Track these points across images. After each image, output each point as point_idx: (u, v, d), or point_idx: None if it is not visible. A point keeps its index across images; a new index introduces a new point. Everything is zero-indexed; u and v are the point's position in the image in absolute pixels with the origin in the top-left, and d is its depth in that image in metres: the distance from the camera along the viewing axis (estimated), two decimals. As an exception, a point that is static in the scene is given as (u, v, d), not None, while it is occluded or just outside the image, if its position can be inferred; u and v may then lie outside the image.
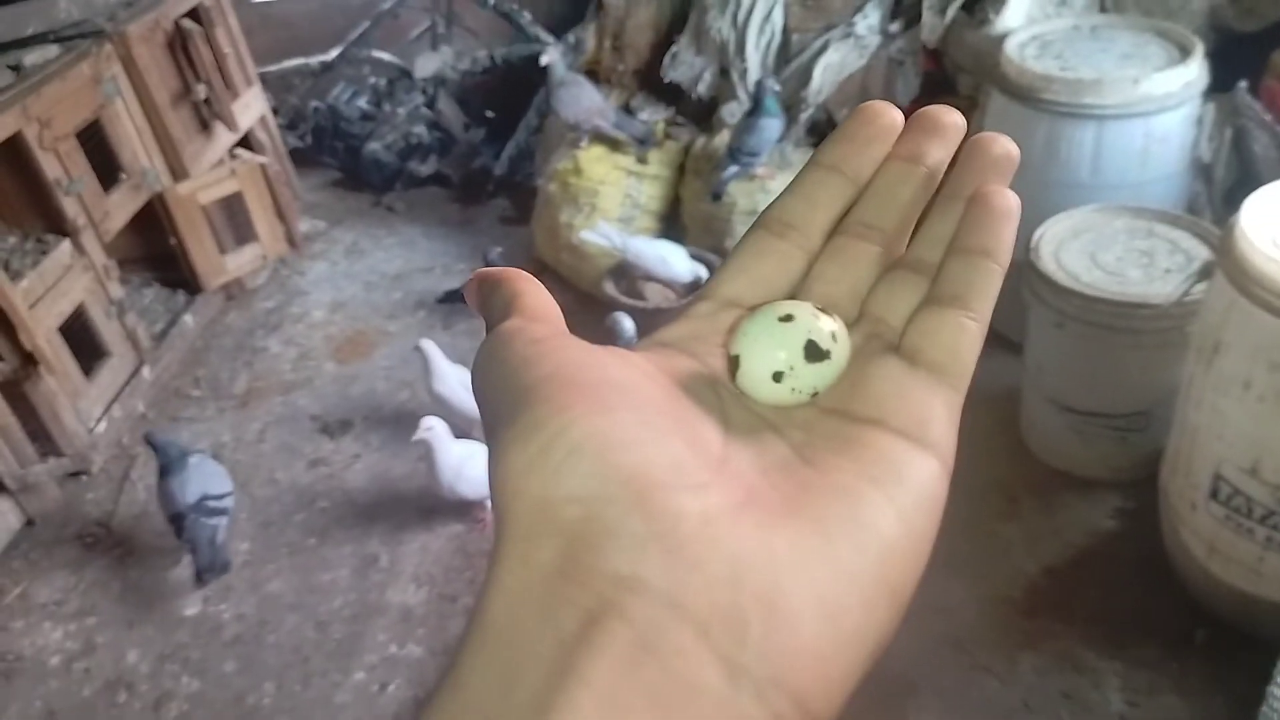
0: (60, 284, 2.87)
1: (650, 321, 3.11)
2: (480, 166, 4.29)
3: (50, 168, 2.83)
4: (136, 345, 3.23)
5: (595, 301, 3.38)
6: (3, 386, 2.60)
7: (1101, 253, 2.30)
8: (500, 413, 0.31)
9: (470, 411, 2.58)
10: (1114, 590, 2.20)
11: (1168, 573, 2.14)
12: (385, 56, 4.25)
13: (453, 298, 3.46)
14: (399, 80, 4.28)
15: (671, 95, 3.64)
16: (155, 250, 3.59)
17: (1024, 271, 2.49)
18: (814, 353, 0.34)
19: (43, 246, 2.93)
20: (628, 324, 2.81)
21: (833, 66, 3.18)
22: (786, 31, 3.32)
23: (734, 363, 0.34)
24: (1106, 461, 2.42)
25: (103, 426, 3.00)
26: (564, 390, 0.30)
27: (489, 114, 4.34)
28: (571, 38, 3.95)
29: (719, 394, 0.34)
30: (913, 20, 3.18)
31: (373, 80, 4.33)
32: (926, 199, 0.38)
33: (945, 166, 0.38)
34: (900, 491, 0.31)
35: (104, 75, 3.10)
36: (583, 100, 3.35)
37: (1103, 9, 3.03)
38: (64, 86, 2.91)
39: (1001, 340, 2.88)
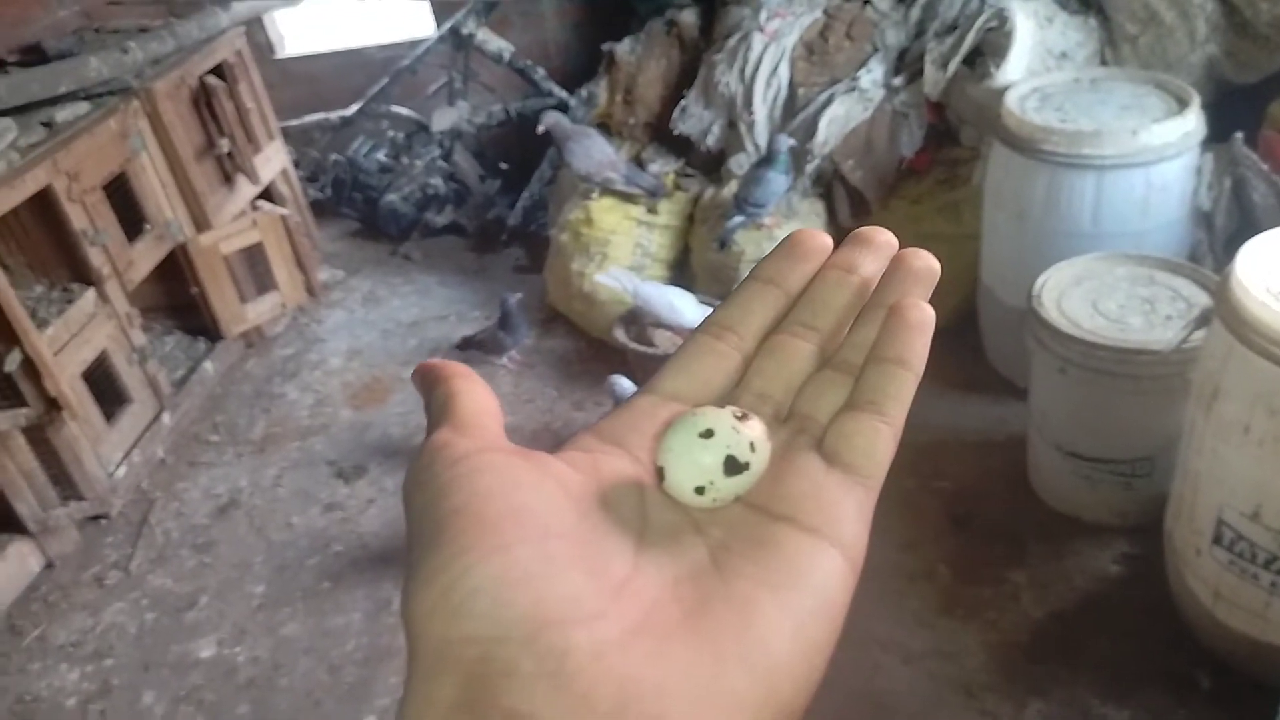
0: (84, 331, 2.94)
1: (659, 368, 3.16)
2: (495, 217, 4.38)
3: (77, 219, 2.93)
4: (157, 392, 3.30)
5: (606, 348, 3.44)
6: (27, 431, 2.66)
7: (1103, 300, 2.34)
8: (414, 548, 0.33)
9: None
10: (1121, 636, 2.20)
11: (1174, 618, 2.15)
12: (403, 111, 4.36)
13: (470, 344, 3.52)
14: (416, 134, 4.39)
15: (681, 147, 3.73)
16: (177, 299, 3.68)
17: (1027, 318, 2.53)
18: (733, 466, 0.36)
19: (68, 295, 3.01)
20: (625, 385, 2.84)
21: (838, 119, 3.25)
22: (792, 85, 3.40)
23: (660, 472, 0.36)
24: (1112, 507, 2.44)
25: (123, 471, 3.06)
26: (468, 530, 0.32)
27: (504, 166, 4.44)
28: (584, 92, 4.06)
29: (642, 499, 0.36)
30: (915, 74, 3.26)
31: (391, 134, 4.44)
32: (859, 305, 0.42)
33: (876, 279, 0.42)
34: (799, 598, 0.34)
35: (131, 130, 3.20)
36: (594, 153, 3.43)
37: (1103, 62, 3.10)
38: (92, 141, 3.01)
39: (1008, 386, 2.92)
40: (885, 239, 0.43)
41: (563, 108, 4.08)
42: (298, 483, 3.09)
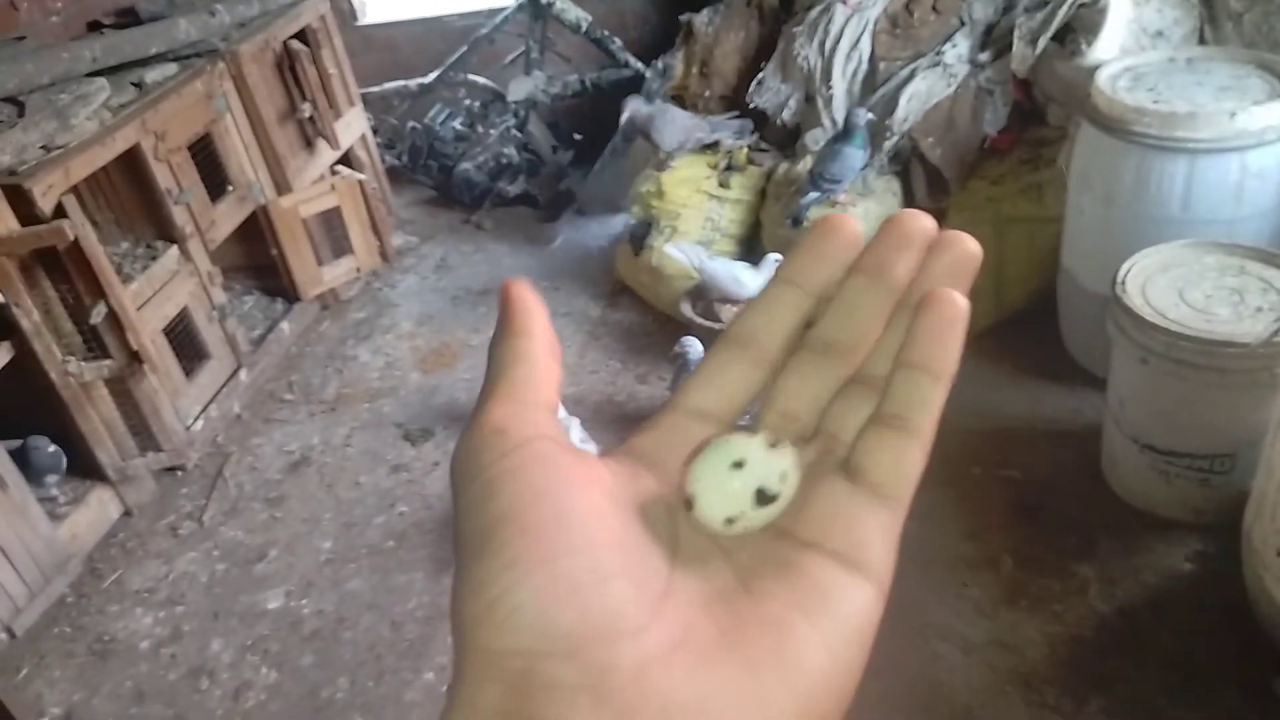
0: (166, 288, 3.04)
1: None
2: (566, 188, 4.39)
3: (163, 178, 3.01)
4: (235, 349, 3.39)
5: (672, 322, 3.43)
6: (109, 382, 2.76)
7: (1190, 289, 2.25)
8: (461, 550, 0.33)
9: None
10: (1192, 636, 2.13)
11: (1248, 619, 2.07)
12: (480, 80, 4.38)
13: None
14: (492, 103, 4.41)
15: (756, 121, 3.68)
16: (256, 260, 3.77)
17: (1110, 306, 2.45)
18: (763, 498, 0.35)
19: (152, 252, 3.11)
20: (696, 348, 2.83)
21: (919, 95, 3.17)
22: (873, 60, 3.33)
23: (689, 501, 0.35)
24: (1188, 503, 2.35)
25: (200, 425, 3.16)
26: (515, 540, 0.31)
27: (577, 137, 4.44)
28: (660, 64, 4.03)
29: (673, 518, 0.36)
30: (1003, 50, 3.16)
31: (467, 102, 4.47)
32: (888, 313, 0.38)
33: (911, 277, 0.38)
34: (829, 622, 0.33)
35: (216, 92, 3.28)
36: (679, 123, 3.42)
37: (1201, 41, 2.97)
38: (179, 102, 3.09)
39: (1085, 375, 2.84)
40: (921, 226, 0.38)
41: (638, 79, 4.07)
42: (366, 443, 3.16)
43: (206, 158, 3.25)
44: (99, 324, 2.57)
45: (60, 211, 2.55)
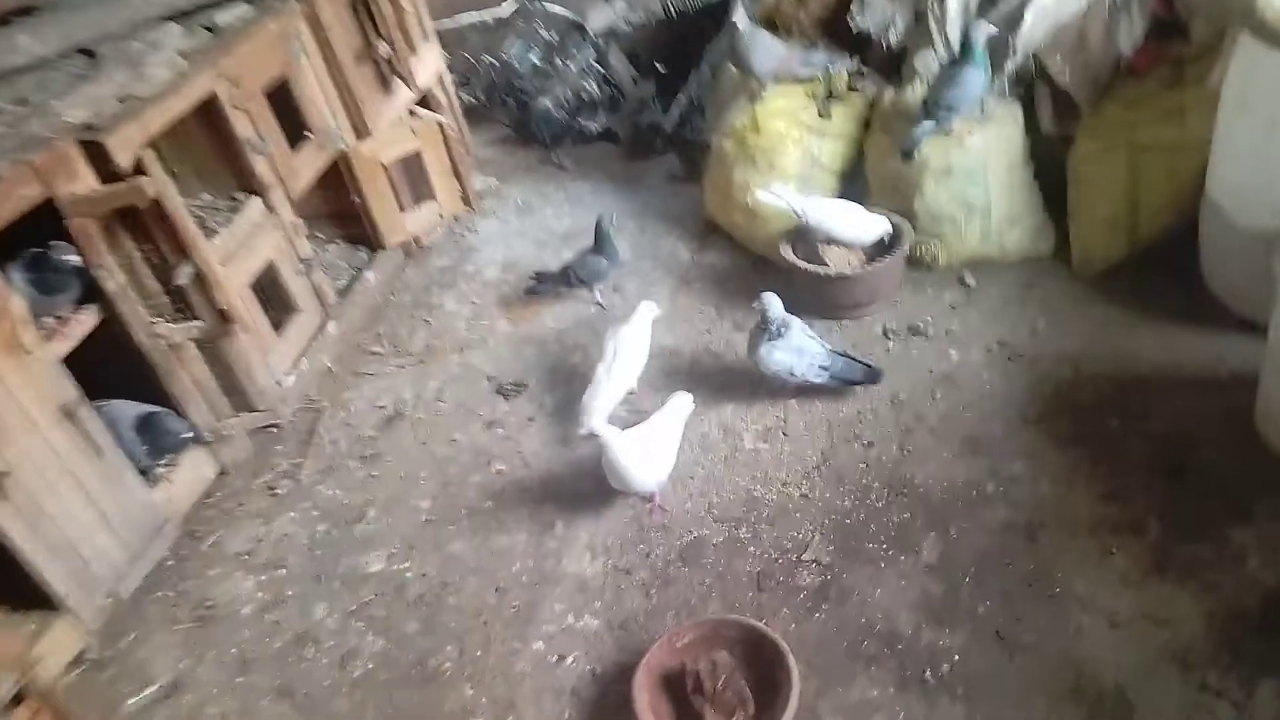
0: (251, 242, 2.95)
1: (833, 289, 2.96)
2: (649, 122, 4.19)
3: (242, 127, 2.90)
4: (323, 301, 3.31)
5: (768, 264, 3.25)
6: (199, 343, 2.70)
7: (1376, 225, 2.00)
8: None
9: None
10: (1375, 612, 1.93)
11: None
12: (558, 9, 4.17)
13: (546, 281, 3.39)
14: (571, 34, 4.20)
15: (856, 45, 3.41)
16: (338, 207, 3.67)
17: (1274, 243, 2.20)
18: None
19: (234, 204, 3.02)
20: (776, 305, 2.66)
21: (1047, 10, 2.88)
22: (993, -27, 3.03)
23: None
24: (1366, 463, 2.13)
25: (291, 380, 3.10)
26: None
27: (659, 67, 4.21)
28: (750, -15, 3.77)
29: None
30: (1140, -44, 2.84)
31: (545, 34, 4.27)
32: None
33: None
34: None
35: (291, 33, 3.14)
36: (772, 49, 3.19)
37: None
38: (253, 45, 2.96)
39: (1231, 318, 2.60)
40: None
41: (726, 6, 3.81)
42: (459, 397, 3.07)
43: (284, 104, 3.14)
44: (185, 285, 2.48)
45: (140, 168, 2.47)
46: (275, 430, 3.04)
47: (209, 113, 2.85)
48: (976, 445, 2.49)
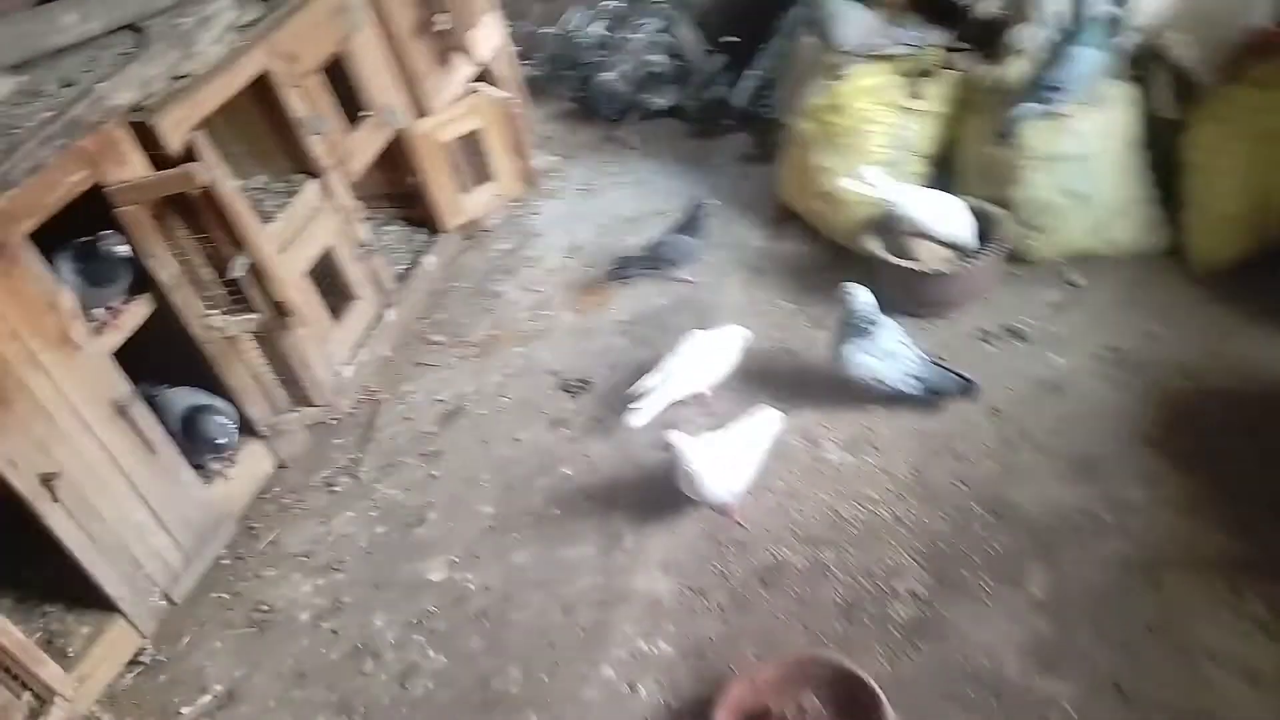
0: (309, 226, 2.82)
1: (922, 286, 2.75)
2: (717, 97, 3.97)
3: (297, 106, 2.76)
4: (381, 288, 3.18)
5: (849, 255, 3.04)
6: (256, 335, 2.58)
7: None
8: None
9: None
10: None
11: None
12: (627, -23, 3.96)
13: (632, 265, 3.24)
14: (637, 3, 3.99)
15: (948, 15, 3.16)
16: (396, 188, 3.53)
17: None
18: None
19: (290, 186, 2.88)
20: (861, 297, 2.46)
21: (1170, -19, 2.63)
22: (1107, -62, 2.77)
23: None
24: None
25: (350, 371, 2.98)
26: None
27: (731, 38, 3.98)
28: (832, -51, 3.52)
29: None
30: (1278, -80, 2.56)
31: (610, 3, 4.06)
32: None
33: None
34: None
35: (347, 5, 2.98)
36: (860, 26, 2.96)
37: None
38: (308, 19, 2.81)
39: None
40: None
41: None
42: (522, 393, 2.92)
43: (340, 80, 2.98)
44: (240, 278, 2.36)
45: (191, 153, 2.34)
46: (334, 422, 2.93)
47: (263, 91, 2.71)
48: (1087, 466, 2.28)
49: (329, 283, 2.96)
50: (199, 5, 2.57)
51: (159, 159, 2.31)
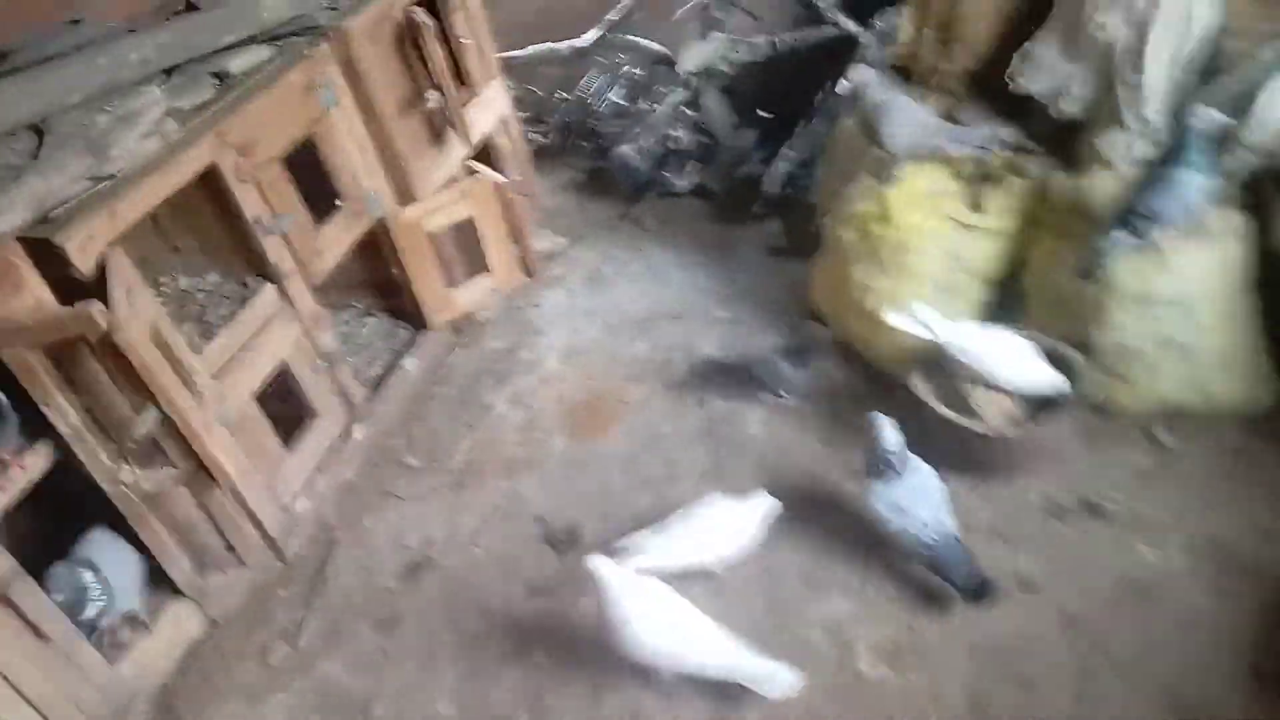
0: (259, 338, 2.42)
1: (982, 450, 2.28)
2: (746, 175, 3.54)
3: (250, 204, 2.36)
4: (348, 401, 2.77)
5: (893, 384, 2.58)
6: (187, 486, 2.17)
7: None
8: None
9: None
10: None
11: None
12: (646, 43, 3.55)
13: (752, 377, 2.76)
14: (659, 70, 3.57)
15: (1017, 110, 2.71)
16: (376, 276, 3.13)
17: None
18: None
19: (244, 292, 2.49)
20: (890, 435, 2.05)
21: (1296, 95, 2.16)
22: (1218, 33, 2.31)
23: None
24: None
25: (303, 504, 2.57)
26: None
27: (763, 113, 3.56)
28: (880, 24, 3.10)
29: None
30: None
31: (630, 70, 3.65)
32: None
33: None
34: None
35: (320, 82, 2.58)
36: (913, 123, 2.52)
37: None
38: (269, 102, 2.41)
39: None
40: None
41: (848, 44, 3.15)
42: (499, 543, 2.49)
43: (309, 167, 2.58)
44: (147, 433, 1.94)
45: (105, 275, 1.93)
46: (281, 565, 2.51)
47: (213, 182, 2.31)
48: (1183, 707, 1.80)
49: (285, 403, 2.56)
50: (121, 98, 2.16)
51: (64, 284, 1.91)
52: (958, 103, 2.86)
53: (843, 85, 2.54)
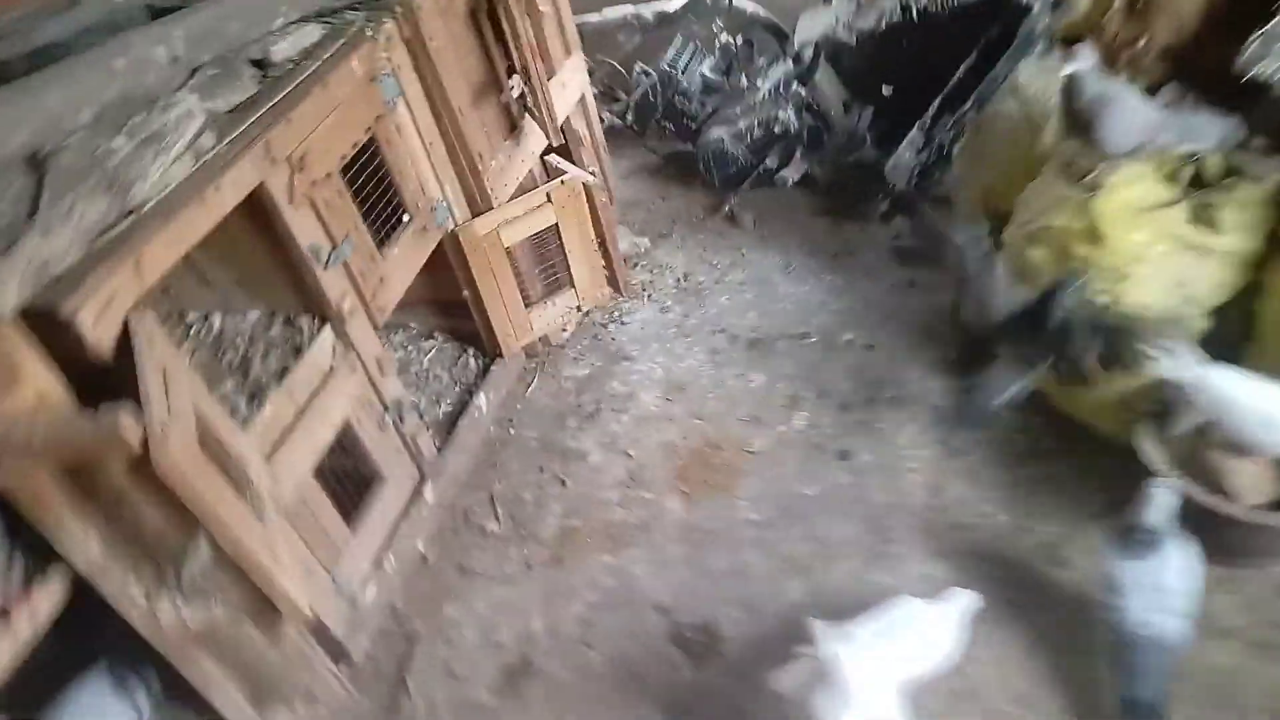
0: (320, 398, 1.93)
1: (1235, 529, 1.81)
2: (857, 160, 3.02)
3: (304, 230, 1.86)
4: (416, 456, 2.29)
5: (1096, 445, 2.09)
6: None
7: None
8: None
9: None
10: None
11: None
12: (753, 7, 2.99)
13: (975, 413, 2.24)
14: (763, 41, 3.03)
15: (1236, 98, 2.19)
16: (442, 294, 2.63)
17: None
18: None
19: (294, 334, 2.00)
20: (1160, 501, 1.59)
21: None
22: None
23: None
24: None
25: (371, 593, 2.11)
26: None
27: (886, 90, 3.01)
28: (1046, -15, 2.56)
29: None
30: None
31: (725, 39, 3.10)
32: None
33: None
34: None
35: (382, 69, 2.06)
36: (1136, 119, 2.00)
37: None
38: (326, 98, 1.90)
39: None
40: None
41: (1010, 11, 2.61)
42: (615, 642, 2.02)
43: (369, 177, 2.07)
44: (202, 569, 1.46)
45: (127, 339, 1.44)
46: (347, 668, 2.05)
47: (256, 208, 1.81)
48: None
49: (346, 472, 2.08)
50: (147, 111, 1.63)
51: (74, 361, 1.41)
52: (1154, 85, 2.33)
53: (1066, 70, 2.02)
